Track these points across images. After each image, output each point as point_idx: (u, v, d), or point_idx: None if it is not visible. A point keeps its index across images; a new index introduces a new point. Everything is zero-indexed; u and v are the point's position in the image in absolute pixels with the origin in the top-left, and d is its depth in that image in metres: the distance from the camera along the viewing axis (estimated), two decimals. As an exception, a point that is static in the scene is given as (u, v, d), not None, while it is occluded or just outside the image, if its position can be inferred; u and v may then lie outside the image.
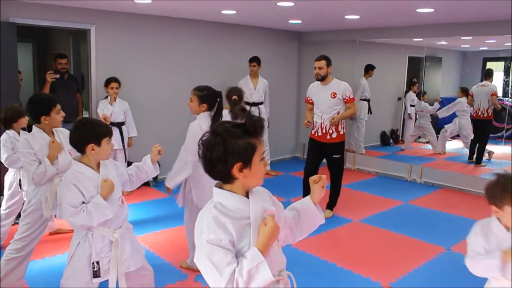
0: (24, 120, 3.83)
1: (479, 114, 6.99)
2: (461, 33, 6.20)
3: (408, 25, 6.29)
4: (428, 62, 8.97)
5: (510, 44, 6.88)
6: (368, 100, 7.56)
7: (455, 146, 8.23)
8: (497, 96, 7.03)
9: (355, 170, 7.05)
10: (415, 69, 8.69)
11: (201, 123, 3.36)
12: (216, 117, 3.42)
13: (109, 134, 2.48)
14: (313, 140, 4.86)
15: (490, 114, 6.91)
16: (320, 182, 1.86)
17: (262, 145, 1.63)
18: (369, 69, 7.45)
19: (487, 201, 1.97)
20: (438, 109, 7.92)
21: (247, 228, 1.56)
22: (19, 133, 3.83)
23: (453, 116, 7.84)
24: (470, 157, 7.17)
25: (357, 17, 5.54)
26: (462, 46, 8.53)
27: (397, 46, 8.26)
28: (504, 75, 8.34)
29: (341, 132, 4.78)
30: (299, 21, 6.19)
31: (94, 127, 2.42)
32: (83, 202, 2.36)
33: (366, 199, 5.61)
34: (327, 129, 4.72)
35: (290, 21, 6.20)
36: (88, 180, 2.40)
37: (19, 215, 4.13)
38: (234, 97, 3.74)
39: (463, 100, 7.48)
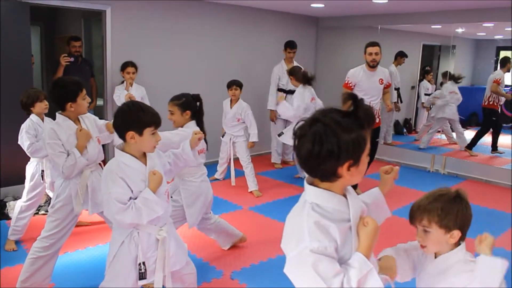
0: (42, 105, 3.56)
1: (484, 102, 6.73)
2: (485, 19, 5.92)
3: (433, 10, 6.00)
4: (443, 50, 8.76)
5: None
6: (397, 89, 7.27)
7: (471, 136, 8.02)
8: (499, 84, 6.57)
9: (374, 160, 6.80)
10: (429, 57, 8.46)
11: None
12: (200, 121, 3.11)
13: (155, 124, 2.18)
14: None
15: (491, 102, 6.58)
16: (392, 173, 1.75)
17: (369, 138, 1.38)
18: (398, 56, 7.15)
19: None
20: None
21: (349, 232, 1.35)
22: (43, 119, 3.57)
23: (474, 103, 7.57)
24: (494, 148, 6.82)
25: (385, 1, 5.24)
26: (478, 34, 8.29)
27: (411, 34, 7.99)
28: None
29: (379, 117, 4.99)
30: (322, 5, 5.87)
31: (139, 113, 2.13)
32: (130, 198, 2.09)
33: (394, 190, 5.33)
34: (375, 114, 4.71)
35: (313, 5, 5.88)
36: (135, 172, 2.13)
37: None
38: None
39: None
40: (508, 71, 6.60)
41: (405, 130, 8.19)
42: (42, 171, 3.56)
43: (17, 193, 4.60)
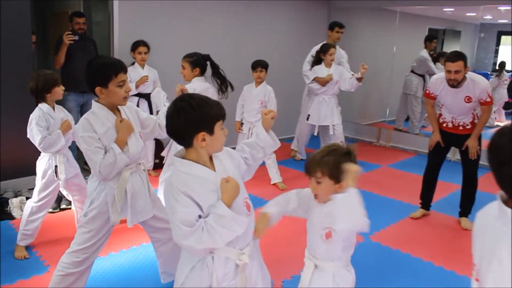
0: (60, 90, 2.99)
1: None
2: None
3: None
4: (447, 34, 8.43)
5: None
6: (423, 76, 6.72)
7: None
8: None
9: (390, 148, 6.42)
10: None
11: (195, 87, 3.42)
12: (219, 77, 3.55)
13: (223, 116, 1.69)
14: (441, 131, 3.82)
15: None
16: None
17: None
18: (426, 40, 6.60)
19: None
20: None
21: None
22: (53, 108, 3.00)
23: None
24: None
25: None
26: (484, 17, 7.97)
27: (418, 17, 7.59)
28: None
29: (475, 121, 3.71)
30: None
31: (205, 107, 1.63)
32: (200, 216, 1.60)
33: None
34: (460, 123, 3.73)
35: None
36: (203, 183, 1.63)
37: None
38: None
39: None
40: None
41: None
42: (56, 167, 3.01)
43: (17, 187, 4.04)
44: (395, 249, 3.37)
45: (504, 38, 8.61)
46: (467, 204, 3.86)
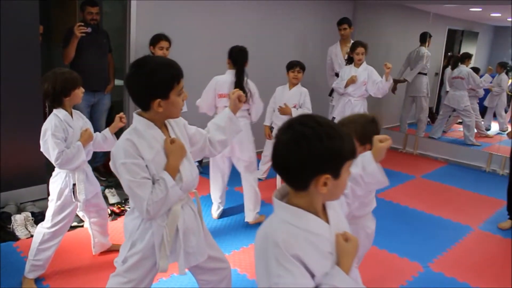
0: (79, 93, 2.41)
1: None
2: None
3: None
4: (465, 35, 7.98)
5: None
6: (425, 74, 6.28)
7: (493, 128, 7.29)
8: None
9: (417, 155, 5.91)
10: (450, 42, 7.68)
11: (220, 78, 3.32)
12: (238, 74, 3.24)
13: (354, 155, 1.18)
14: None
15: None
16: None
17: None
18: (428, 37, 6.12)
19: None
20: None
21: None
22: (71, 114, 2.42)
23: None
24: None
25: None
26: (508, 19, 7.51)
27: (438, 17, 7.11)
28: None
29: None
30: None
31: (335, 139, 1.10)
32: None
33: (465, 196, 4.45)
34: None
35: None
36: (318, 242, 1.13)
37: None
38: None
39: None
40: None
41: (429, 120, 7.34)
42: (74, 185, 2.44)
43: (20, 199, 3.46)
44: (462, 281, 2.87)
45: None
46: None
